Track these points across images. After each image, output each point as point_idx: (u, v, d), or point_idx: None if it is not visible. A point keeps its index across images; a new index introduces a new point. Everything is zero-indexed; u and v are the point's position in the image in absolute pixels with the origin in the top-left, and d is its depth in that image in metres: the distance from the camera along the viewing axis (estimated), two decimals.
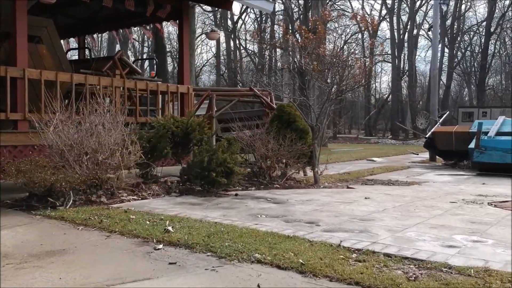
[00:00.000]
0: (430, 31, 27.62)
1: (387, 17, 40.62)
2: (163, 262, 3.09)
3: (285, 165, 7.99)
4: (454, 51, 41.36)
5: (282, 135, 7.65)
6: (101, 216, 4.40)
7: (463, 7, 41.50)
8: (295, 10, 32.48)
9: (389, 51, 39.40)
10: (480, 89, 40.59)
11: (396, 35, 41.12)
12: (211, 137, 9.22)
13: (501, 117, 11.35)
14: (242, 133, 8.00)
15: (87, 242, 3.60)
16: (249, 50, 39.16)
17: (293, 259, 3.05)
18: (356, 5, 44.55)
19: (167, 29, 33.31)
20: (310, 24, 10.02)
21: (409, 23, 40.62)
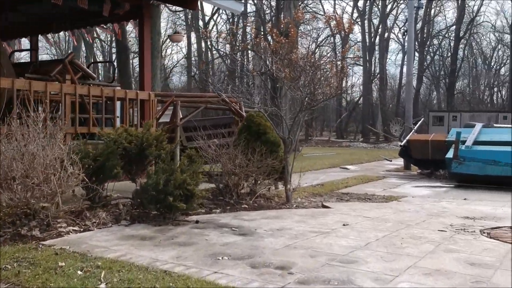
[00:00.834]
0: (405, 36, 27.54)
1: (359, 20, 40.57)
2: None
3: (255, 182, 7.26)
4: (424, 55, 41.76)
5: (251, 148, 6.92)
6: (23, 262, 3.53)
7: (433, 12, 41.98)
8: (267, 12, 31.88)
9: (361, 54, 39.42)
10: (450, 93, 41.12)
11: (367, 39, 41.16)
12: (175, 148, 8.40)
13: (478, 125, 10.88)
14: (209, 143, 7.26)
15: None
16: (221, 51, 38.33)
17: None
18: (328, 8, 44.29)
19: (135, 29, 32.01)
20: (283, 26, 9.34)
21: (380, 27, 40.76)
